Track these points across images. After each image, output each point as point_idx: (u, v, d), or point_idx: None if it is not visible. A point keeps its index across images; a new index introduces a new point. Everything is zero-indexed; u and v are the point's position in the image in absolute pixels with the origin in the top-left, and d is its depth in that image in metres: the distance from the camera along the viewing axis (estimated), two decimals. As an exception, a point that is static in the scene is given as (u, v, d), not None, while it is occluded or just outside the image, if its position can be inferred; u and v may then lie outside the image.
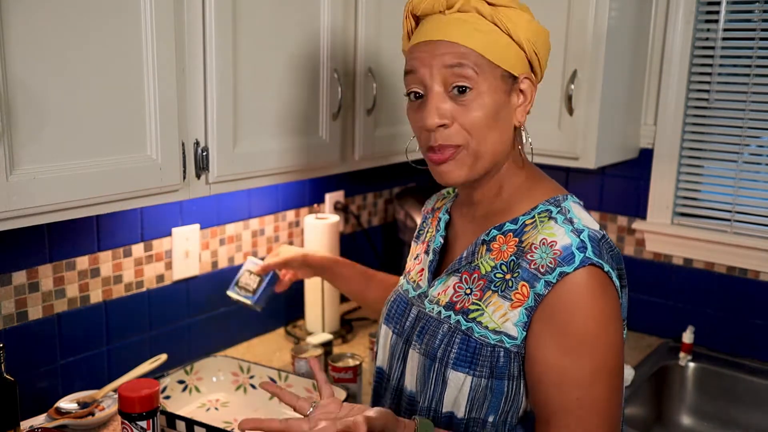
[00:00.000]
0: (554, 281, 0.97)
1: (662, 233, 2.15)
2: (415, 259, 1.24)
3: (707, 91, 2.07)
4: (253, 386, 1.66)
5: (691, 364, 2.07)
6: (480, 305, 1.04)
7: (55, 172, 1.18)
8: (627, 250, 2.24)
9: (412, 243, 1.30)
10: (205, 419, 1.51)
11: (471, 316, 1.05)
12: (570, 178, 2.30)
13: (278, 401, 1.62)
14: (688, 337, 2.06)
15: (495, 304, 1.03)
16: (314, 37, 1.62)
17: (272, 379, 1.64)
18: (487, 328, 1.03)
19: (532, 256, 1.01)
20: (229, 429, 1.51)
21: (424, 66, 1.02)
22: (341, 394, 1.52)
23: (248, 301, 1.68)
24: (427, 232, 1.24)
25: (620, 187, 2.23)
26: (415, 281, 1.19)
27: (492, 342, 1.02)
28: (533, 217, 1.05)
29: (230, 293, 1.71)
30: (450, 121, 1.02)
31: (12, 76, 1.11)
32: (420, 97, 1.05)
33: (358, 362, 1.67)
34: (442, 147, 1.03)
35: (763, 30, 1.97)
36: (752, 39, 1.99)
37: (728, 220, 2.07)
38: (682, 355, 2.07)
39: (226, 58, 1.42)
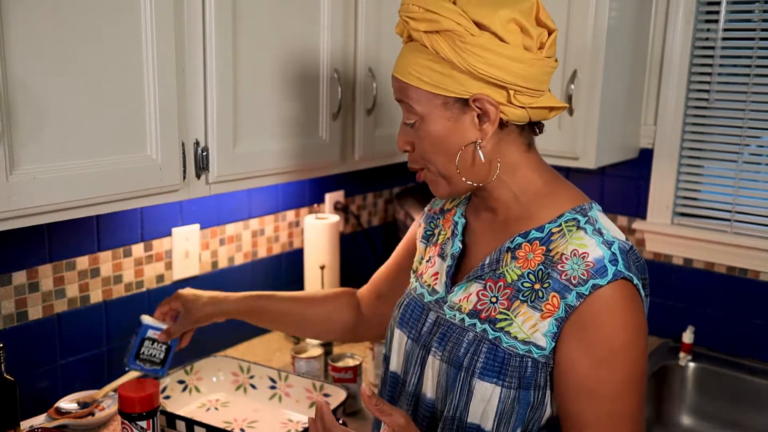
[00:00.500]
0: (587, 293, 0.98)
1: (662, 233, 2.15)
2: (427, 261, 1.22)
3: (707, 91, 2.07)
4: (253, 386, 1.66)
5: (691, 364, 2.07)
6: (508, 315, 1.04)
7: (55, 172, 1.18)
8: (627, 250, 2.24)
9: (419, 243, 1.27)
10: (205, 419, 1.51)
11: (499, 325, 1.04)
12: (570, 178, 2.27)
13: (279, 401, 1.62)
14: (688, 337, 2.06)
15: (525, 314, 1.02)
16: (314, 37, 1.62)
17: (272, 379, 1.64)
18: (516, 338, 1.02)
19: (563, 266, 1.01)
20: (229, 429, 1.51)
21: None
22: (341, 394, 1.52)
23: (157, 376, 1.43)
24: (440, 234, 1.22)
25: (620, 187, 2.23)
26: (429, 285, 1.17)
27: (521, 352, 1.02)
28: (560, 225, 1.05)
29: (132, 369, 1.40)
30: (411, 147, 1.10)
31: (12, 76, 1.11)
32: None
33: (358, 362, 1.68)
34: (412, 168, 1.12)
35: (763, 30, 1.97)
36: (752, 39, 1.99)
37: (728, 220, 2.07)
38: (682, 355, 2.07)
39: (226, 58, 1.42)
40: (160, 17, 1.29)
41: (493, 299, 1.06)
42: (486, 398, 1.03)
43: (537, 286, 1.02)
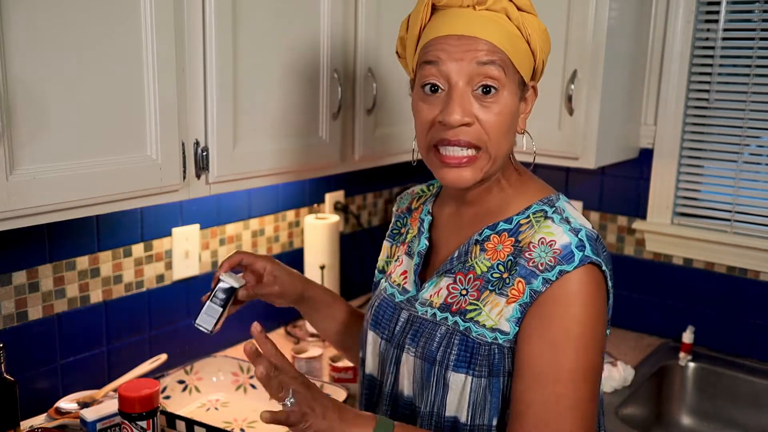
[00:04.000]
0: (553, 279, 0.98)
1: (662, 233, 2.15)
2: (395, 261, 1.21)
3: (707, 91, 2.07)
4: (253, 386, 1.66)
5: (691, 364, 2.07)
6: (477, 305, 1.04)
7: (55, 172, 1.18)
8: (627, 250, 2.24)
9: (385, 242, 1.27)
10: (205, 419, 1.51)
11: (468, 316, 1.04)
12: (570, 178, 2.30)
13: (279, 403, 1.62)
14: (688, 337, 2.06)
15: (492, 302, 1.03)
16: (314, 37, 1.62)
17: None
18: (484, 326, 1.02)
19: (530, 254, 1.01)
20: (229, 429, 1.51)
21: (453, 60, 1.00)
22: (341, 394, 1.52)
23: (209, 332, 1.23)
24: (407, 233, 1.22)
25: (620, 187, 2.23)
26: (399, 284, 1.17)
27: (488, 340, 1.02)
28: (528, 216, 1.06)
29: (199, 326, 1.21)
30: (472, 120, 1.01)
31: (12, 76, 1.11)
32: (436, 90, 1.02)
33: (358, 362, 1.67)
34: (462, 144, 1.01)
35: (763, 30, 1.97)
36: (752, 39, 1.99)
37: (728, 220, 2.07)
38: (682, 355, 2.07)
39: (226, 58, 1.42)
40: (160, 17, 1.29)
41: (463, 292, 1.06)
42: (460, 389, 1.03)
43: (505, 275, 1.03)
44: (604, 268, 1.00)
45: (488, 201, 1.10)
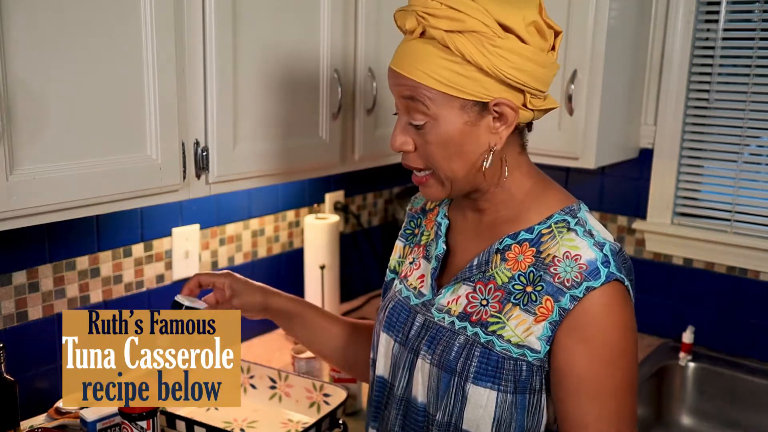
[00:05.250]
0: (581, 296, 0.98)
1: (662, 233, 2.15)
2: (412, 264, 1.19)
3: (707, 91, 2.07)
4: (253, 386, 1.66)
5: (691, 364, 2.07)
6: (500, 318, 1.03)
7: (55, 172, 1.18)
8: (627, 250, 2.24)
9: (398, 242, 1.25)
10: (205, 419, 1.51)
11: (491, 329, 1.03)
12: (570, 178, 2.30)
13: (279, 401, 1.63)
14: (688, 337, 2.06)
15: (517, 317, 1.02)
16: (314, 37, 1.62)
17: (272, 379, 1.64)
18: (509, 341, 1.01)
19: (555, 269, 1.00)
20: (229, 429, 1.51)
21: (392, 91, 1.05)
22: (341, 394, 1.52)
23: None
24: (422, 234, 1.20)
25: (620, 187, 2.23)
26: (415, 288, 1.15)
27: (515, 356, 1.01)
28: (550, 226, 1.04)
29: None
30: (412, 147, 1.04)
31: (12, 76, 1.11)
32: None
33: (358, 362, 1.67)
34: (411, 167, 1.06)
35: (763, 30, 1.97)
36: (752, 39, 1.99)
37: (728, 220, 2.07)
38: (682, 355, 2.07)
39: (226, 58, 1.42)
40: (160, 17, 1.29)
41: (484, 302, 1.05)
42: (481, 404, 1.02)
43: (529, 289, 1.01)
44: (626, 283, 1.01)
45: (503, 209, 1.08)
